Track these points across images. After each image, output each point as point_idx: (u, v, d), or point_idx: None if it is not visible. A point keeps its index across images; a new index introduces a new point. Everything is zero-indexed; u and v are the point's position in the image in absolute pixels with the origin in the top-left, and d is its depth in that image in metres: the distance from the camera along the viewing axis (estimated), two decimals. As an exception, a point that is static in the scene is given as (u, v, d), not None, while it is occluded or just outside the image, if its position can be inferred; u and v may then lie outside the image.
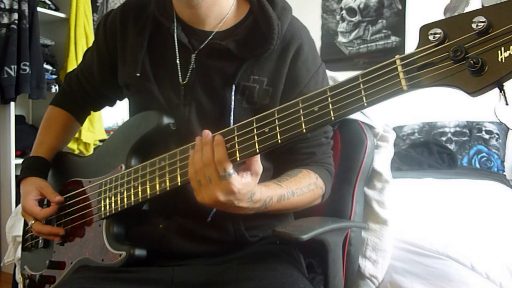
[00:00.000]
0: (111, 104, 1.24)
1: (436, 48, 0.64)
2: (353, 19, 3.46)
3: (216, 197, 0.79)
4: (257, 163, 0.80)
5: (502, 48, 0.58)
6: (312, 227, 0.95)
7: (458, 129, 3.02)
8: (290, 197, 0.93)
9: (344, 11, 3.49)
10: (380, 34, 3.35)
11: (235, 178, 0.78)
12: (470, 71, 0.60)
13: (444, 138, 3.01)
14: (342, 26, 3.50)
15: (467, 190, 2.07)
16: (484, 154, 2.89)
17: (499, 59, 0.58)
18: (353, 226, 1.16)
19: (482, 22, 0.59)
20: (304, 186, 0.97)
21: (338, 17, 3.52)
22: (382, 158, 1.23)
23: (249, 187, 0.81)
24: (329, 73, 1.15)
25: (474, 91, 0.60)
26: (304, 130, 0.74)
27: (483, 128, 2.95)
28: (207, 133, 0.81)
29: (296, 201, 0.95)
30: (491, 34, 0.59)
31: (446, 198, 1.86)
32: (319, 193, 1.01)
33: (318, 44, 3.55)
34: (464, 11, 0.63)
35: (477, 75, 0.60)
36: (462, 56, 0.61)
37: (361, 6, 3.42)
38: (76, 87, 1.19)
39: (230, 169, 0.78)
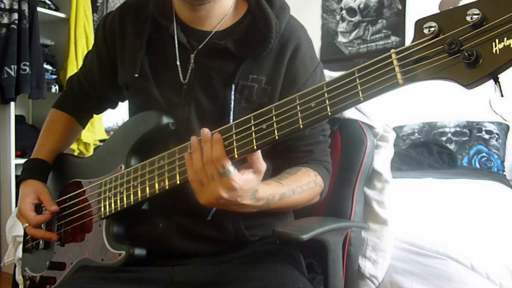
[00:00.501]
0: (113, 106, 1.24)
1: (431, 41, 0.64)
2: (353, 19, 3.46)
3: (219, 194, 0.79)
4: (259, 161, 0.80)
5: (497, 40, 0.58)
6: (312, 227, 0.95)
7: (458, 129, 3.01)
8: (291, 195, 0.93)
9: (344, 11, 3.49)
10: (380, 34, 3.35)
11: (235, 174, 0.78)
12: (465, 64, 0.60)
13: (444, 138, 3.01)
14: (342, 26, 3.50)
15: (467, 190, 2.07)
16: (484, 154, 2.89)
17: (494, 51, 0.58)
18: (353, 226, 1.16)
19: (476, 14, 0.60)
20: (304, 184, 0.96)
21: (338, 17, 3.52)
22: (382, 158, 1.23)
23: (251, 184, 0.81)
24: (329, 73, 1.15)
25: (469, 83, 0.61)
26: (301, 126, 0.74)
27: (483, 128, 2.95)
28: (206, 131, 0.81)
29: (296, 199, 0.95)
30: (485, 26, 0.59)
31: (446, 198, 1.86)
32: (318, 190, 1.01)
33: (318, 44, 3.55)
34: (459, 4, 0.63)
35: (472, 68, 0.60)
36: (457, 49, 0.61)
37: (361, 6, 3.42)
38: (78, 90, 1.19)
39: (228, 165, 0.78)
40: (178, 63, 0.99)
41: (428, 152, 2.79)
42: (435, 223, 1.51)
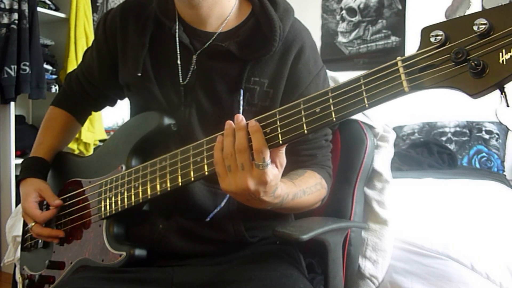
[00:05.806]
0: (112, 104, 1.24)
1: (438, 50, 0.64)
2: (353, 19, 3.46)
3: (246, 185, 0.76)
4: (282, 156, 0.79)
5: (503, 50, 0.58)
6: (312, 227, 0.95)
7: (458, 129, 3.02)
8: (301, 195, 0.92)
9: (344, 11, 3.49)
10: (380, 34, 3.35)
11: (270, 168, 0.76)
12: (471, 73, 0.60)
13: (444, 138, 3.01)
14: (342, 26, 3.50)
15: (467, 190, 2.07)
16: (484, 154, 2.89)
17: (500, 61, 0.58)
18: (353, 226, 1.16)
19: (484, 24, 0.59)
20: (312, 186, 0.96)
21: (338, 17, 3.52)
22: (382, 158, 1.23)
23: (277, 180, 0.79)
24: (329, 73, 1.15)
25: (475, 93, 0.61)
26: (306, 131, 0.74)
27: (483, 128, 2.95)
28: (241, 118, 0.78)
29: (305, 200, 0.94)
30: (492, 36, 0.59)
31: (446, 198, 1.86)
32: (323, 194, 1.01)
33: (318, 44, 3.55)
34: (466, 13, 0.63)
35: (478, 77, 0.60)
36: (463, 58, 0.61)
37: (361, 6, 3.42)
38: (76, 87, 1.19)
39: (268, 158, 0.76)
40: (178, 62, 0.99)
41: (428, 152, 2.79)
42: (435, 223, 1.51)
